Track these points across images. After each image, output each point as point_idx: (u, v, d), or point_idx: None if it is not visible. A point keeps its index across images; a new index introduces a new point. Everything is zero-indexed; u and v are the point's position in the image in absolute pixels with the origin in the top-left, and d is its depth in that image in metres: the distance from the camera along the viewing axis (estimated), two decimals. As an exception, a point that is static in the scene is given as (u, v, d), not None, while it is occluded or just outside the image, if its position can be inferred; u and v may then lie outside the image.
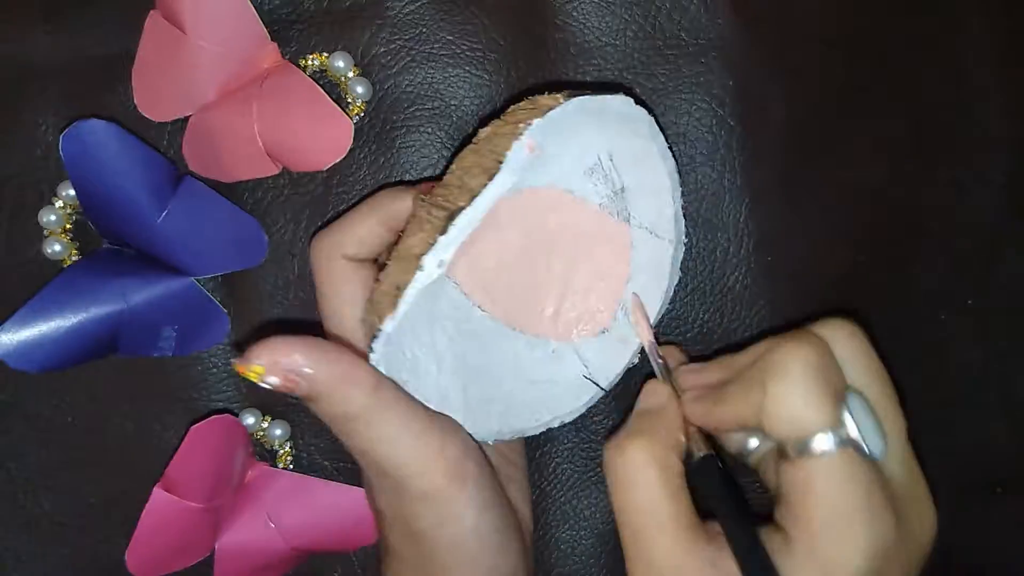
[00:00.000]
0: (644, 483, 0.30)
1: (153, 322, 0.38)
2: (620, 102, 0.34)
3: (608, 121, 0.34)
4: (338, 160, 0.38)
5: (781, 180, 0.41)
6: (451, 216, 0.31)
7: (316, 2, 0.40)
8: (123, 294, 0.37)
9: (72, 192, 0.38)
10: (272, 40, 0.38)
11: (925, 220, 0.43)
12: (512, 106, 0.34)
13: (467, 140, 0.36)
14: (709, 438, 0.33)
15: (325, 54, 0.39)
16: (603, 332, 0.38)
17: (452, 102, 0.40)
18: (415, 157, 0.40)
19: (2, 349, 0.36)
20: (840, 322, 0.32)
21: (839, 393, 0.28)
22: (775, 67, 0.41)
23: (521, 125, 0.31)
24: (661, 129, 0.35)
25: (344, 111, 0.38)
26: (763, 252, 0.41)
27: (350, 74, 0.39)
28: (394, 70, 0.40)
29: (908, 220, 0.43)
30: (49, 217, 0.39)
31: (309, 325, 0.39)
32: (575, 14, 0.41)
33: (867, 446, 0.28)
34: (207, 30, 0.37)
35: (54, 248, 0.39)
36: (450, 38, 0.40)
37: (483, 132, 0.33)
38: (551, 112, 0.31)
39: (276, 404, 0.40)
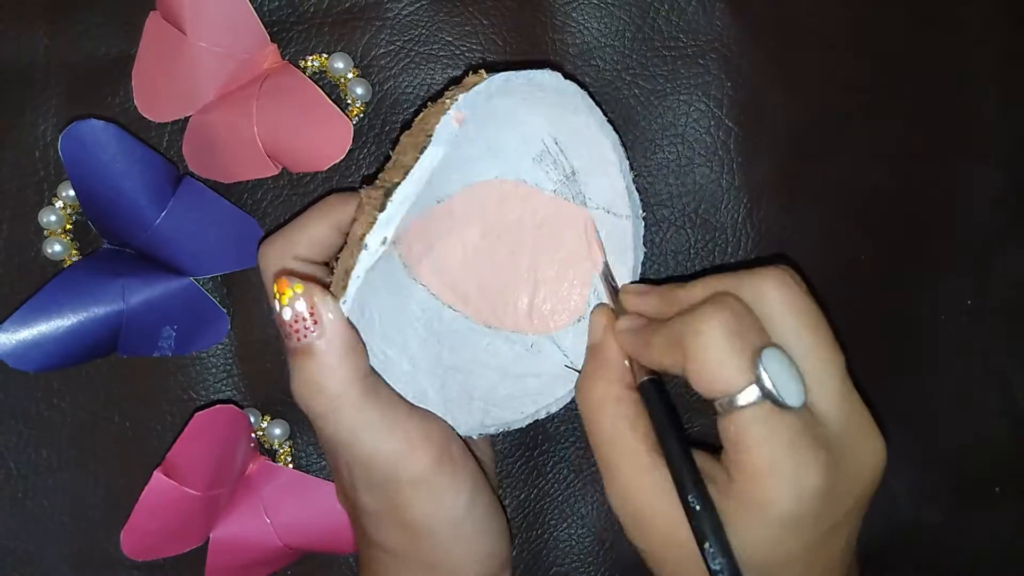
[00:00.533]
0: (601, 419, 0.33)
1: (153, 322, 0.38)
2: (548, 76, 0.34)
3: (543, 101, 0.34)
4: (337, 161, 0.38)
5: (780, 180, 0.41)
6: (387, 193, 0.31)
7: (316, 4, 0.40)
8: (123, 294, 0.37)
9: (72, 192, 0.38)
10: (272, 41, 0.39)
11: (925, 220, 0.43)
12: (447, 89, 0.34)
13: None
14: None
15: (325, 55, 0.39)
16: (579, 320, 0.38)
17: (451, 103, 0.40)
18: (414, 158, 0.40)
19: (2, 349, 0.36)
20: (769, 272, 0.32)
21: (754, 351, 0.29)
22: (774, 68, 0.41)
23: (448, 101, 0.32)
24: (597, 104, 0.35)
25: (344, 112, 0.38)
26: (761, 253, 0.41)
27: (349, 75, 0.39)
28: (393, 71, 0.40)
29: (908, 221, 0.43)
30: (49, 217, 0.39)
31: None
32: (574, 15, 0.41)
33: (783, 397, 0.29)
34: (207, 31, 0.37)
35: (54, 248, 0.39)
36: (449, 39, 0.40)
37: (416, 120, 0.33)
38: (476, 87, 0.32)
39: (276, 404, 0.40)
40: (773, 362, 0.29)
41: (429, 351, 0.36)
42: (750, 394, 0.29)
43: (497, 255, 0.37)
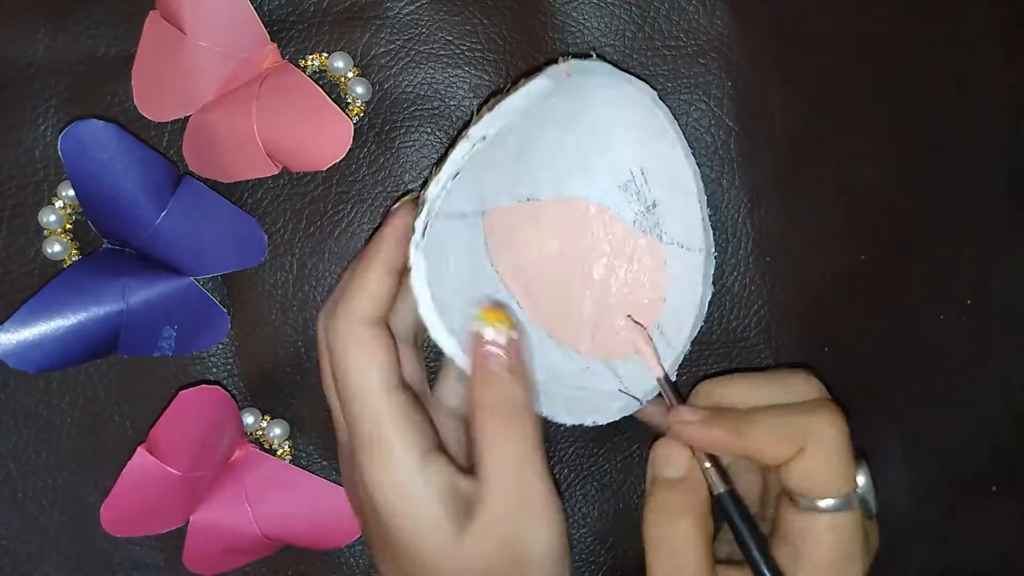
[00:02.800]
0: (693, 558, 0.33)
1: (153, 322, 0.38)
2: (647, 88, 0.36)
3: (634, 121, 0.36)
4: (338, 160, 0.38)
5: (780, 180, 0.41)
6: (484, 103, 0.33)
7: (316, 3, 0.40)
8: (123, 294, 0.37)
9: (72, 192, 0.38)
10: (272, 41, 0.38)
11: (925, 220, 0.43)
12: None
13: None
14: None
15: (325, 54, 0.39)
16: (636, 353, 0.38)
17: (452, 102, 0.40)
18: (415, 157, 0.40)
19: (2, 349, 0.36)
20: (808, 384, 0.35)
21: (858, 458, 0.33)
22: (774, 67, 0.41)
23: (560, 59, 0.34)
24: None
25: (344, 111, 0.38)
26: (762, 252, 0.41)
27: (350, 74, 0.39)
28: (394, 70, 0.40)
29: (908, 220, 0.43)
30: (49, 217, 0.39)
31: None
32: (574, 15, 0.41)
33: (872, 506, 0.33)
34: (207, 30, 0.37)
35: (54, 248, 0.39)
36: (449, 38, 0.40)
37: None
38: (582, 61, 0.34)
39: (276, 404, 0.40)
40: (865, 473, 0.33)
41: None
42: (833, 499, 0.32)
43: (568, 270, 0.38)
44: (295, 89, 0.38)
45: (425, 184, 0.33)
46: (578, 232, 0.38)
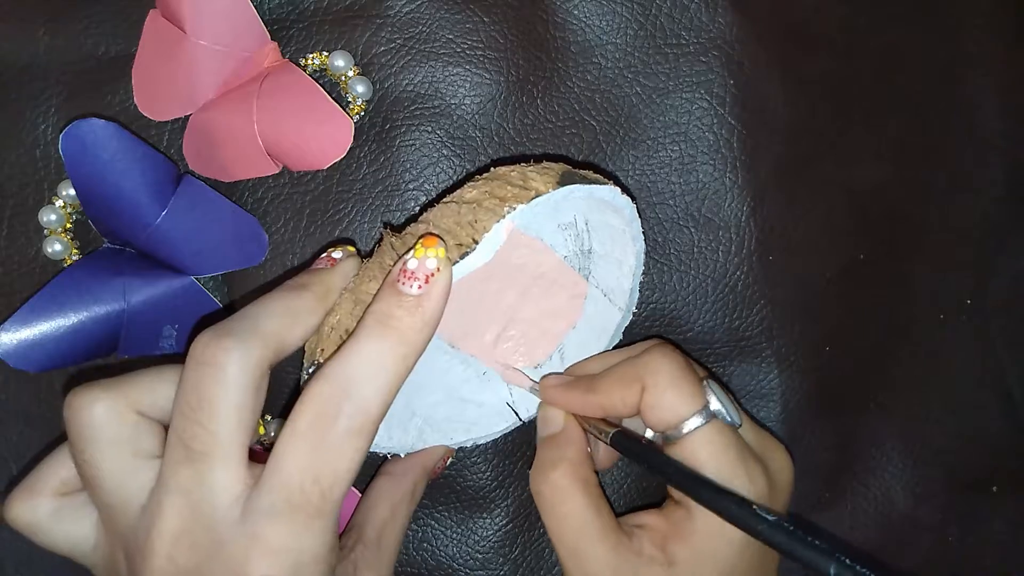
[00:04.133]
0: (570, 503, 0.34)
1: (154, 321, 0.38)
2: (608, 191, 0.34)
3: (592, 200, 0.35)
4: (338, 159, 0.38)
5: (782, 179, 0.41)
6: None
7: (316, 1, 0.40)
8: (123, 293, 0.37)
9: (72, 191, 0.38)
10: (272, 39, 0.38)
11: (925, 220, 0.43)
12: (501, 169, 0.33)
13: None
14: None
15: (325, 53, 0.39)
16: (536, 367, 0.39)
17: (452, 101, 0.40)
18: (415, 156, 0.40)
19: (2, 348, 0.36)
20: (656, 342, 0.37)
21: (701, 380, 0.34)
22: (776, 66, 0.41)
23: (506, 208, 0.31)
24: (640, 215, 0.36)
25: (344, 110, 0.38)
26: (765, 251, 0.41)
27: (350, 73, 0.39)
28: (394, 69, 0.40)
29: (908, 220, 0.43)
30: (49, 216, 0.39)
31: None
32: (576, 12, 0.41)
33: (729, 416, 0.33)
34: (207, 29, 0.37)
35: (54, 247, 0.39)
36: (450, 37, 0.40)
37: (467, 193, 0.32)
38: (538, 200, 0.31)
39: (277, 402, 0.40)
40: (714, 388, 0.34)
41: None
42: (696, 420, 0.33)
43: (487, 286, 0.38)
44: (296, 88, 0.37)
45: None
46: (505, 255, 0.37)
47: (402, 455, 0.37)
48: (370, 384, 0.28)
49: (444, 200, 0.33)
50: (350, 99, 0.39)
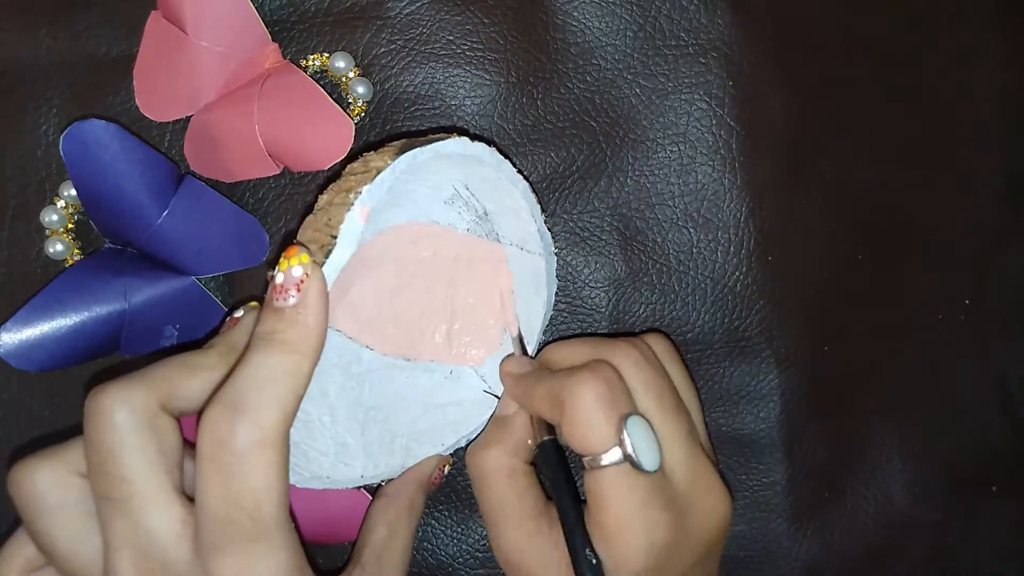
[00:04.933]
0: (492, 487, 0.35)
1: (155, 321, 0.38)
2: (454, 144, 0.33)
3: (451, 160, 0.34)
4: (339, 160, 0.38)
5: (781, 180, 0.41)
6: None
7: (317, 3, 0.40)
8: (125, 294, 0.37)
9: (73, 192, 0.38)
10: (273, 41, 0.38)
11: (925, 220, 0.43)
12: (348, 165, 0.33)
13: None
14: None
15: (326, 54, 0.39)
16: (497, 351, 0.39)
17: (452, 102, 0.40)
18: (416, 157, 0.40)
19: (4, 348, 0.36)
20: (627, 350, 0.35)
21: (621, 417, 0.32)
22: (775, 67, 0.41)
23: (351, 194, 0.31)
24: (506, 156, 0.36)
25: (345, 111, 0.38)
26: (764, 252, 0.41)
27: (351, 74, 0.39)
28: (395, 70, 0.40)
29: (908, 220, 0.43)
30: (51, 217, 0.39)
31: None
32: (575, 14, 0.41)
33: (641, 460, 0.32)
34: (208, 30, 0.37)
35: (56, 248, 0.39)
36: (450, 38, 0.40)
37: (321, 199, 0.33)
38: (381, 175, 0.31)
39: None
40: (636, 429, 0.32)
41: (348, 396, 0.36)
42: (613, 455, 0.32)
43: (413, 289, 0.38)
44: (296, 89, 0.38)
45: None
46: (410, 251, 0.37)
47: (394, 477, 0.37)
48: (261, 396, 0.28)
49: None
50: (351, 100, 0.40)
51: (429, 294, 0.38)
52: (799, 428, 0.42)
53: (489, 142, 0.35)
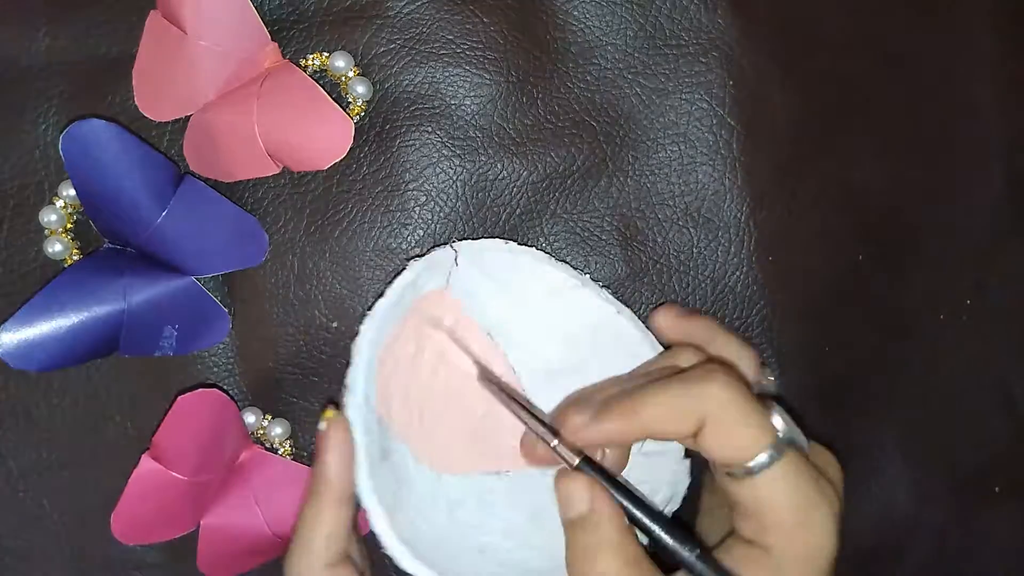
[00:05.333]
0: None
1: (154, 322, 0.38)
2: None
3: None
4: (339, 159, 0.38)
5: (782, 180, 0.41)
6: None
7: (316, 2, 0.40)
8: (124, 294, 0.37)
9: (73, 192, 0.38)
10: (272, 40, 0.38)
11: (925, 220, 0.43)
12: None
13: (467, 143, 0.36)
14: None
15: (325, 54, 0.39)
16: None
17: (452, 102, 0.40)
18: (415, 156, 0.40)
19: (3, 348, 0.36)
20: (683, 351, 0.34)
21: (768, 408, 0.31)
22: (776, 67, 0.41)
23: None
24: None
25: (344, 111, 0.38)
26: (764, 252, 0.41)
27: (350, 74, 0.39)
28: (394, 70, 0.40)
29: (908, 220, 0.43)
30: (50, 217, 0.39)
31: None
32: (575, 13, 0.41)
33: (800, 441, 0.31)
34: (208, 30, 0.37)
35: (55, 248, 0.39)
36: (450, 38, 0.40)
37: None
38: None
39: (277, 403, 0.40)
40: (780, 413, 0.31)
41: (449, 523, 0.37)
42: (768, 454, 0.29)
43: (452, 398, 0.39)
44: (296, 88, 0.37)
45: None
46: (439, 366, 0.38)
47: None
48: (302, 533, 0.32)
49: None
50: (350, 100, 0.39)
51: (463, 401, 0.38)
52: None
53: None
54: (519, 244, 0.38)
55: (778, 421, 0.30)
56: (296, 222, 0.40)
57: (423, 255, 0.36)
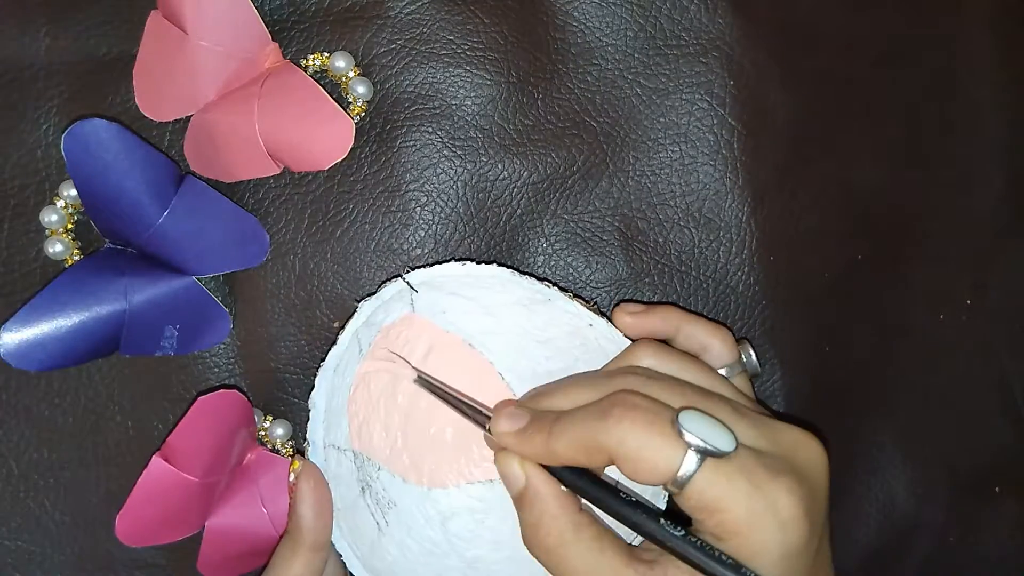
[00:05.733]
0: (571, 559, 0.31)
1: (155, 321, 0.38)
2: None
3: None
4: (339, 160, 0.38)
5: (782, 179, 0.41)
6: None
7: (317, 2, 0.40)
8: (125, 294, 0.37)
9: (74, 192, 0.38)
10: (273, 40, 0.38)
11: (925, 220, 0.43)
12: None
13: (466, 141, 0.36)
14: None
15: (326, 54, 0.39)
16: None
17: (453, 102, 0.40)
18: (416, 156, 0.40)
19: (4, 348, 0.36)
20: (638, 346, 0.35)
21: (672, 424, 0.30)
22: (776, 67, 0.41)
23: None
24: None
25: (345, 111, 0.38)
26: (765, 252, 0.41)
27: (351, 74, 0.39)
28: (395, 70, 0.40)
29: (908, 220, 0.43)
30: (51, 217, 0.39)
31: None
32: (576, 14, 0.41)
33: (718, 445, 0.29)
34: (208, 30, 0.37)
35: (56, 248, 0.39)
36: (451, 38, 0.40)
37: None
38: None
39: (278, 404, 0.40)
40: (691, 423, 0.30)
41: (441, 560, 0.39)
42: (689, 464, 0.29)
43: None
44: (296, 89, 0.37)
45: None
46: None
47: None
48: (275, 573, 0.37)
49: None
50: (351, 100, 0.39)
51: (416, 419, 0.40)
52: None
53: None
54: (493, 264, 0.38)
55: (688, 434, 0.29)
56: (297, 222, 0.40)
57: (373, 294, 0.37)
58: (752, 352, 0.39)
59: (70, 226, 0.39)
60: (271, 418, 0.40)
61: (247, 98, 0.37)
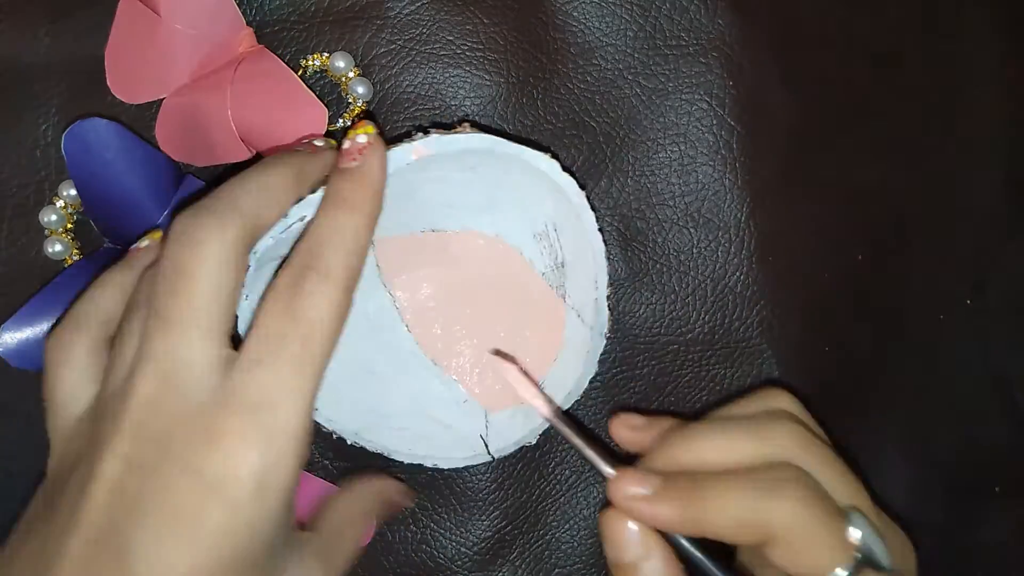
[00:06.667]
0: None
1: (154, 322, 0.38)
2: (544, 162, 0.35)
3: (542, 183, 0.35)
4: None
5: (782, 180, 0.41)
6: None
7: (317, 3, 0.40)
8: (124, 294, 0.37)
9: (73, 191, 0.38)
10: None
11: (925, 220, 0.43)
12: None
13: None
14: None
15: (326, 54, 0.39)
16: (517, 409, 0.38)
17: (452, 102, 0.40)
18: (416, 157, 0.40)
19: (3, 348, 0.36)
20: (789, 432, 0.31)
21: (841, 524, 0.29)
22: (776, 67, 0.41)
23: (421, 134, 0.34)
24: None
25: (345, 112, 0.38)
26: (765, 252, 0.41)
27: (351, 74, 0.39)
28: (394, 70, 0.40)
29: (908, 220, 0.43)
30: (50, 216, 0.39)
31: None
32: (575, 14, 0.41)
33: (880, 561, 0.28)
34: (182, 13, 0.37)
35: (55, 247, 0.39)
36: (450, 38, 0.40)
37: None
38: (459, 135, 0.34)
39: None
40: (860, 527, 0.29)
41: (362, 349, 0.36)
42: (848, 567, 0.28)
43: (466, 302, 0.38)
44: (270, 74, 0.37)
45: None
46: (484, 267, 0.37)
47: (348, 441, 0.37)
48: (330, 246, 0.30)
49: None
50: (350, 100, 0.40)
51: (477, 316, 0.38)
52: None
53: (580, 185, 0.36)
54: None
55: (855, 533, 0.28)
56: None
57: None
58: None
59: (69, 226, 0.39)
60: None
61: (220, 82, 0.37)
